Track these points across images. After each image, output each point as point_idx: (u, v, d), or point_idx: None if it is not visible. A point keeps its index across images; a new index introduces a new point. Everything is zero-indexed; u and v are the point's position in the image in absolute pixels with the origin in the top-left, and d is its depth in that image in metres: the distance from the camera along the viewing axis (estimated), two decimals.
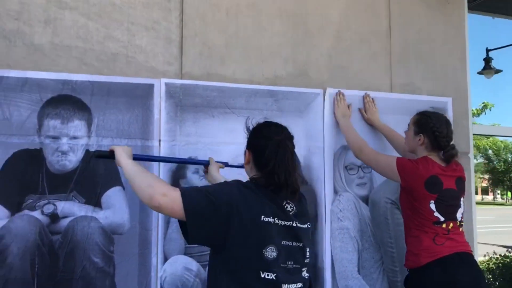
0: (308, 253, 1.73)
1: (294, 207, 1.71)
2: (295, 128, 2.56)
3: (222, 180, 2.03)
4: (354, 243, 2.63)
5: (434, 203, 2.21)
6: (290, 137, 1.76)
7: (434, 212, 2.21)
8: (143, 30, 2.39)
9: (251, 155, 1.74)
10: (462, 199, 2.31)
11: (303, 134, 2.62)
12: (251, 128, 1.82)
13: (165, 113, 2.36)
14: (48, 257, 2.15)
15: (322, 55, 2.73)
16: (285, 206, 1.68)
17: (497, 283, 5.25)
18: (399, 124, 2.79)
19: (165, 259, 2.31)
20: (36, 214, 2.16)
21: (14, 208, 2.14)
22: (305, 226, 1.74)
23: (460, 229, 2.28)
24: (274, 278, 1.59)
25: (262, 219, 1.60)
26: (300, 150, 2.61)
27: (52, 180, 2.20)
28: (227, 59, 2.54)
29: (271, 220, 1.62)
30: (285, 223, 1.65)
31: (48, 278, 2.14)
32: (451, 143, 2.33)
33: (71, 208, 2.20)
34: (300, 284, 1.66)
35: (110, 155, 1.88)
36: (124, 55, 2.36)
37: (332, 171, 2.65)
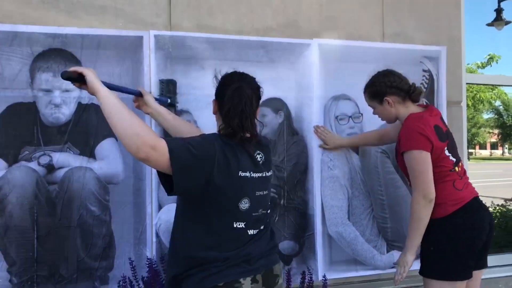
0: (270, 197, 1.86)
1: (263, 157, 1.77)
2: (286, 79, 2.63)
3: (161, 110, 2.13)
4: (344, 191, 2.70)
5: (447, 149, 2.22)
6: (253, 85, 1.77)
7: (449, 157, 2.22)
8: None
9: (217, 103, 1.79)
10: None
11: (294, 85, 2.64)
12: (218, 77, 1.85)
13: (155, 65, 2.38)
14: (46, 206, 2.24)
15: (313, 4, 2.71)
16: (256, 157, 1.75)
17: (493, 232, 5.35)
18: None
19: (160, 207, 2.39)
20: (33, 165, 2.23)
21: (11, 159, 2.21)
22: (270, 173, 1.82)
23: (463, 167, 2.33)
24: (243, 226, 1.70)
25: (239, 174, 1.67)
26: (291, 101, 2.65)
27: (46, 132, 2.26)
28: (216, 9, 2.53)
29: (248, 174, 1.69)
30: (258, 175, 1.73)
31: (48, 226, 2.23)
32: (412, 83, 2.34)
33: (66, 159, 2.28)
34: (263, 226, 1.78)
35: (79, 77, 1.70)
36: (113, 8, 2.37)
37: (323, 121, 2.68)
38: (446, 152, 2.21)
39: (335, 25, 2.75)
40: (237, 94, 1.69)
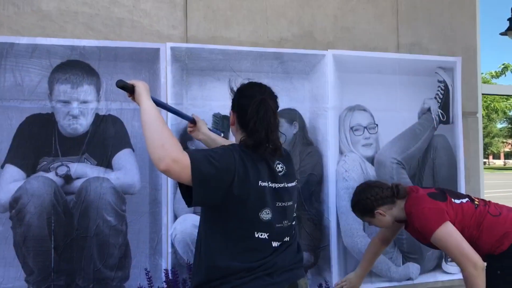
0: (295, 209, 1.82)
1: (284, 167, 1.75)
2: (301, 90, 2.64)
3: (214, 137, 2.12)
4: None
5: (453, 199, 2.22)
6: (273, 97, 1.77)
7: (462, 202, 2.21)
8: None
9: (235, 116, 1.77)
10: None
11: (309, 96, 2.65)
12: (235, 89, 1.84)
13: (171, 77, 2.41)
14: (64, 216, 2.26)
15: (328, 15, 2.72)
16: (276, 168, 1.73)
17: None
18: (405, 85, 2.81)
19: (175, 217, 2.41)
20: (51, 175, 2.26)
21: (29, 170, 2.24)
22: (293, 184, 1.79)
23: (477, 198, 2.35)
24: (266, 237, 1.67)
25: (259, 184, 1.66)
26: (305, 112, 2.65)
27: (64, 143, 2.29)
28: (232, 21, 2.55)
29: (267, 184, 1.68)
30: (278, 185, 1.71)
31: (65, 236, 2.26)
32: (391, 184, 2.32)
33: (84, 170, 2.30)
34: (287, 238, 1.74)
35: (131, 89, 1.75)
36: (130, 20, 2.40)
37: (337, 132, 2.68)
38: (457, 201, 2.21)
39: (350, 36, 2.76)
40: (262, 108, 1.68)
